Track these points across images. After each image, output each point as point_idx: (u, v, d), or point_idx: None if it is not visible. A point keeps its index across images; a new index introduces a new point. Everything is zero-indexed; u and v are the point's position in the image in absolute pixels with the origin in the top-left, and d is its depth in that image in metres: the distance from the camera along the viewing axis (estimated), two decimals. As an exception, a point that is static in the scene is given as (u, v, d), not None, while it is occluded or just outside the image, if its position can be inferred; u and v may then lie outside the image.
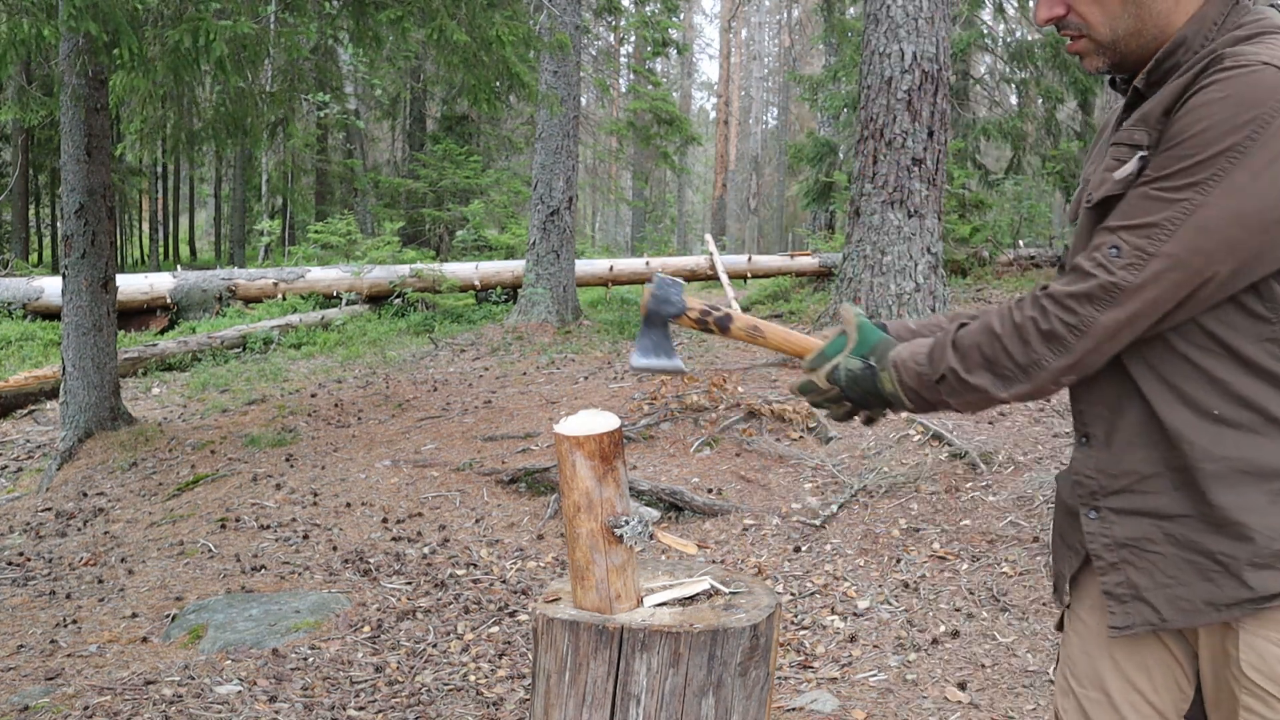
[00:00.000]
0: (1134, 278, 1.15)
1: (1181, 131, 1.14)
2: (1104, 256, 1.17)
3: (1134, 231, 1.16)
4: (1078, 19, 1.28)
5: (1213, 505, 1.21)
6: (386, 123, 23.66)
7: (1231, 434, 1.20)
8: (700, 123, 42.65)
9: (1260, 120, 1.09)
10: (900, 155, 7.17)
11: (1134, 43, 1.27)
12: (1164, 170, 1.15)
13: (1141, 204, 1.16)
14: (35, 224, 23.01)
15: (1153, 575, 1.27)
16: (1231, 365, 1.21)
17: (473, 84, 6.50)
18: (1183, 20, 1.24)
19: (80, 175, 6.14)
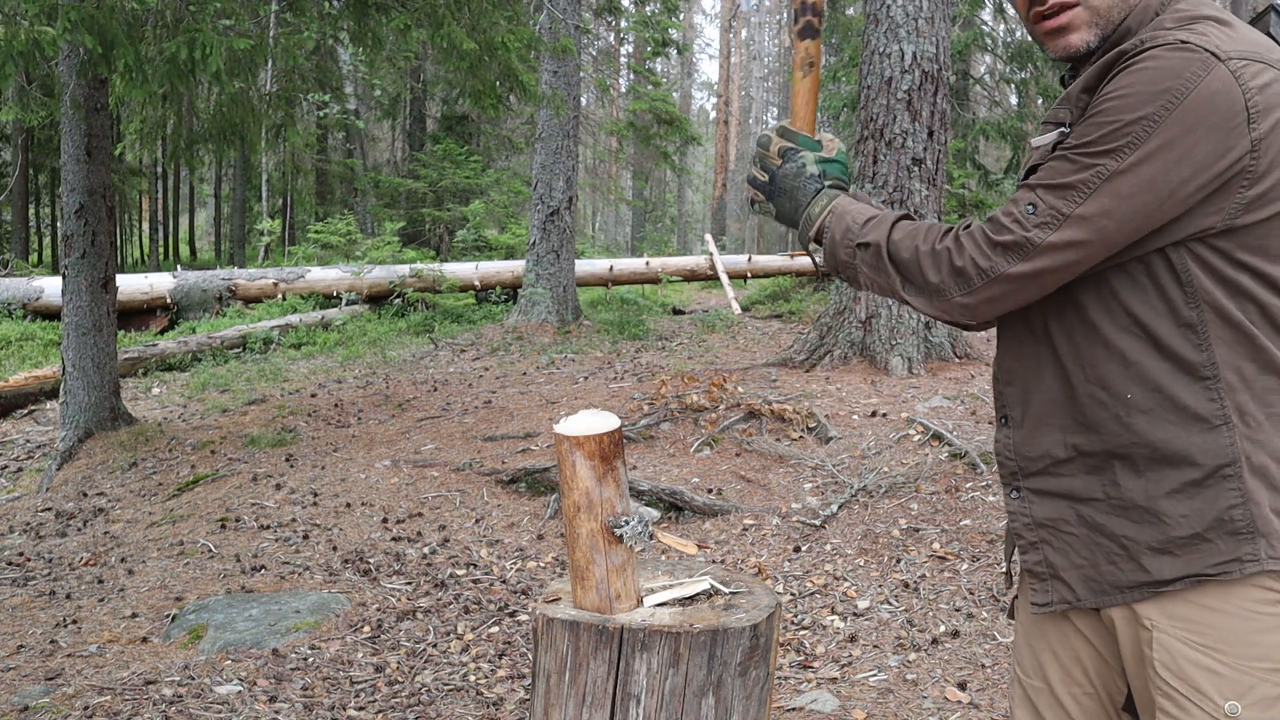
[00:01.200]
0: (1045, 235, 1.18)
1: (1102, 101, 1.17)
2: (1020, 212, 1.20)
3: (1051, 191, 1.18)
4: None
5: (1120, 490, 1.23)
6: (386, 123, 23.66)
7: (1143, 419, 1.22)
8: (700, 123, 42.64)
9: (1174, 91, 1.12)
10: (900, 155, 7.16)
11: (1115, 14, 1.27)
12: (1084, 138, 1.17)
13: (1060, 166, 1.19)
14: (35, 224, 23.01)
15: (1068, 555, 1.30)
16: (1148, 349, 1.22)
17: (476, 88, 6.50)
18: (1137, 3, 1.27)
19: (80, 175, 6.14)
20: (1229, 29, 1.18)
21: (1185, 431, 1.20)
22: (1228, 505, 1.18)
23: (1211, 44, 1.13)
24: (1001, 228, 1.22)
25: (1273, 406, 1.21)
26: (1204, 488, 1.19)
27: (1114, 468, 1.24)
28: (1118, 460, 1.24)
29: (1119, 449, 1.24)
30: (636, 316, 12.33)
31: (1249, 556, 1.18)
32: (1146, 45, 1.16)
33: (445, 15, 5.75)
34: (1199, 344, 1.19)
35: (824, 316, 7.73)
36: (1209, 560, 1.19)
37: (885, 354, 7.07)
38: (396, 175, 21.44)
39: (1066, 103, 1.26)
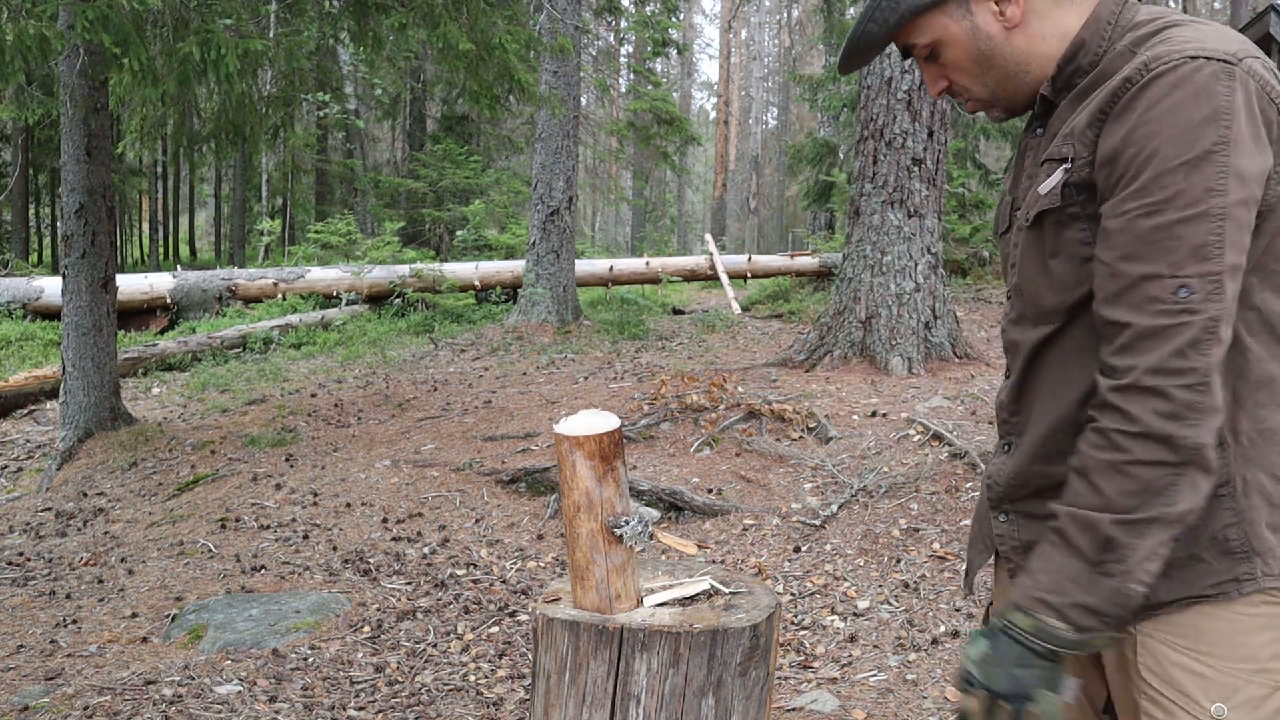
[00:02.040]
0: (1220, 301, 1.09)
1: (1146, 144, 1.11)
2: (1178, 301, 1.09)
3: (1189, 261, 1.09)
4: (958, 86, 1.34)
5: None
6: (386, 123, 23.67)
7: None
8: (700, 123, 42.65)
9: (1222, 110, 1.10)
10: (900, 155, 7.17)
11: (1010, 86, 1.31)
12: (1168, 189, 1.10)
13: (1171, 231, 1.10)
14: (35, 224, 23.01)
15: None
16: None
17: (474, 88, 6.50)
18: (1047, 47, 1.27)
19: (80, 175, 6.14)
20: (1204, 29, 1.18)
21: None
22: (1223, 525, 1.17)
23: (1217, 49, 1.12)
24: (1161, 329, 1.09)
25: (1265, 421, 1.19)
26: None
27: None
28: None
29: None
30: (636, 316, 12.33)
31: (1245, 576, 1.17)
32: (1156, 68, 1.12)
33: (442, 14, 5.74)
34: None
35: (824, 316, 7.73)
36: (1206, 581, 1.18)
37: (885, 354, 7.07)
38: (396, 175, 21.45)
39: (1070, 139, 1.21)
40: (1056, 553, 1.15)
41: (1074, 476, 1.15)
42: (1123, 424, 1.10)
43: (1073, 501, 1.14)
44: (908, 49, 1.34)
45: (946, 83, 1.34)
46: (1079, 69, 1.26)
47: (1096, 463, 1.12)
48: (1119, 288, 1.12)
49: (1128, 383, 1.10)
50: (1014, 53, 1.28)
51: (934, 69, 1.34)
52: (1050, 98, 1.30)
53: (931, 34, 1.29)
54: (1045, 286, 1.26)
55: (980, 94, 1.33)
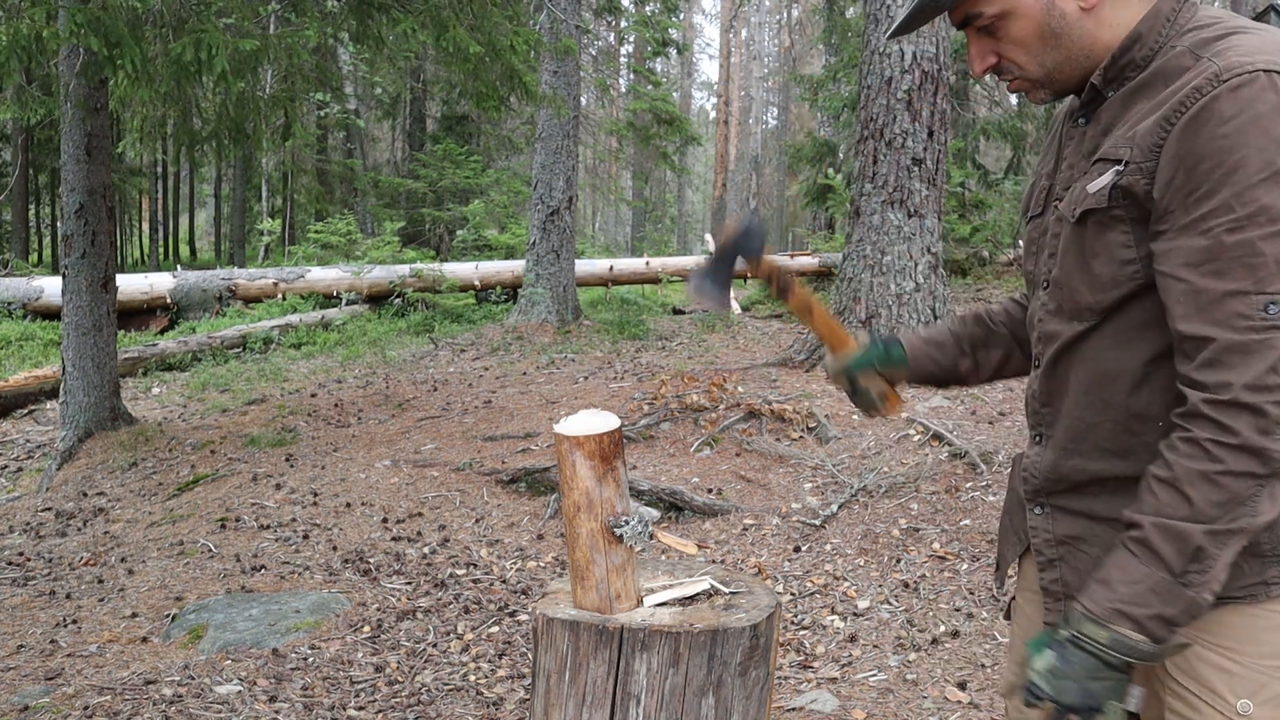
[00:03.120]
0: None
1: (1225, 158, 1.11)
2: (1266, 317, 1.09)
3: (1276, 278, 1.09)
4: (1009, 63, 1.31)
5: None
6: (386, 123, 23.66)
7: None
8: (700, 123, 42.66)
9: None
10: (900, 155, 7.16)
11: (1067, 69, 1.29)
12: (1251, 205, 1.10)
13: (1256, 247, 1.10)
14: (35, 224, 23.01)
15: (1081, 575, 1.30)
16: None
17: (480, 90, 6.50)
18: (1113, 34, 1.26)
19: (80, 175, 6.14)
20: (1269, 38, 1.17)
21: None
22: None
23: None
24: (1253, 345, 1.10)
25: None
26: None
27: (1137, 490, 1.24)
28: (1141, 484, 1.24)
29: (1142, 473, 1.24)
30: (636, 316, 12.33)
31: (1274, 579, 1.19)
32: (1227, 78, 1.11)
33: (449, 17, 5.74)
34: None
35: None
36: (1236, 582, 1.19)
37: (885, 354, 7.07)
38: (396, 175, 21.44)
39: (1131, 142, 1.20)
40: (1137, 563, 1.14)
41: (1158, 485, 1.14)
42: (1221, 435, 1.10)
43: (1158, 511, 1.13)
44: (969, 18, 1.30)
45: (996, 59, 1.32)
46: (1132, 62, 1.25)
47: (1188, 472, 1.12)
48: (1203, 303, 1.12)
49: (1227, 399, 1.10)
50: (1082, 35, 1.26)
51: (986, 43, 1.31)
52: (1100, 88, 1.29)
53: (1004, 3, 1.26)
54: (1084, 284, 1.27)
55: (1035, 73, 1.30)
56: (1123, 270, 1.22)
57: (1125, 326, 1.24)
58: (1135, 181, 1.18)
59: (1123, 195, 1.20)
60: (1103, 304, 1.25)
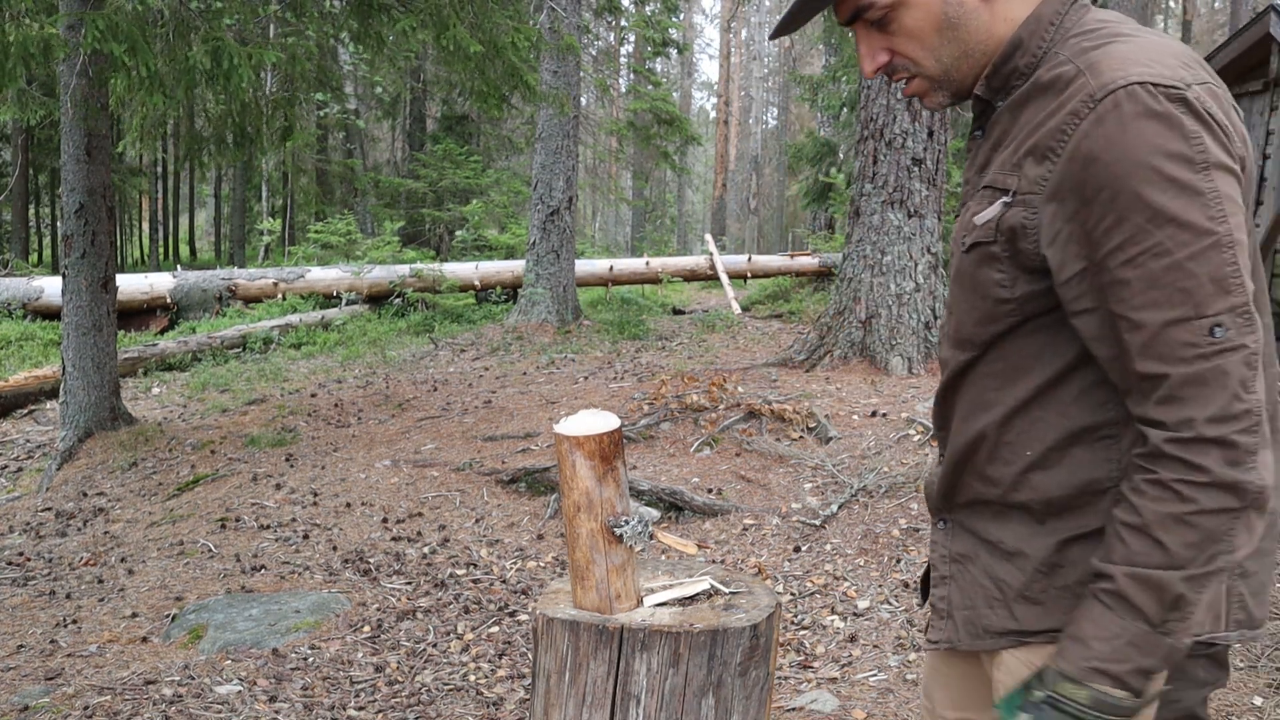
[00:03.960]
0: (1253, 331, 1.05)
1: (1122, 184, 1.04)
2: (1214, 341, 1.03)
3: (1214, 298, 1.03)
4: (903, 60, 1.23)
5: (1011, 538, 1.24)
6: (386, 123, 23.67)
7: (1039, 475, 1.20)
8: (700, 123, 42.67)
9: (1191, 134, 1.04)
10: (900, 155, 7.17)
11: (965, 65, 1.21)
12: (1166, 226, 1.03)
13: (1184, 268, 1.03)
14: (35, 224, 23.01)
15: (963, 594, 1.29)
16: (1051, 409, 1.19)
17: (482, 89, 6.51)
18: (1007, 29, 1.19)
19: (80, 175, 6.14)
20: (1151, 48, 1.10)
21: (1075, 491, 1.18)
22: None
23: (1165, 76, 1.05)
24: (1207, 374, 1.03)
25: None
26: (1079, 546, 1.18)
27: (1010, 516, 1.24)
28: (1013, 510, 1.23)
29: (1015, 501, 1.23)
30: (636, 316, 12.33)
31: None
32: (1104, 99, 1.05)
33: (450, 16, 5.75)
34: (1104, 402, 1.15)
35: (824, 316, 7.73)
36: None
37: (885, 354, 7.07)
38: (396, 175, 21.45)
39: (1016, 171, 1.14)
40: (1113, 616, 1.08)
41: (1127, 532, 1.08)
42: (1190, 474, 1.04)
43: (1130, 560, 1.07)
44: (859, 11, 1.21)
45: (889, 56, 1.23)
46: (1016, 70, 1.19)
47: (1158, 516, 1.05)
48: (1145, 340, 1.06)
49: (1190, 435, 1.04)
50: (979, 27, 1.19)
51: (877, 39, 1.22)
52: (988, 99, 1.23)
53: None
54: (968, 314, 1.24)
55: (932, 70, 1.22)
56: (998, 308, 1.19)
57: (1005, 359, 1.21)
58: (1020, 215, 1.13)
59: (1006, 232, 1.15)
60: (981, 337, 1.22)
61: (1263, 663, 3.00)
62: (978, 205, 1.21)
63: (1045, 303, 1.16)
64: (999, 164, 1.19)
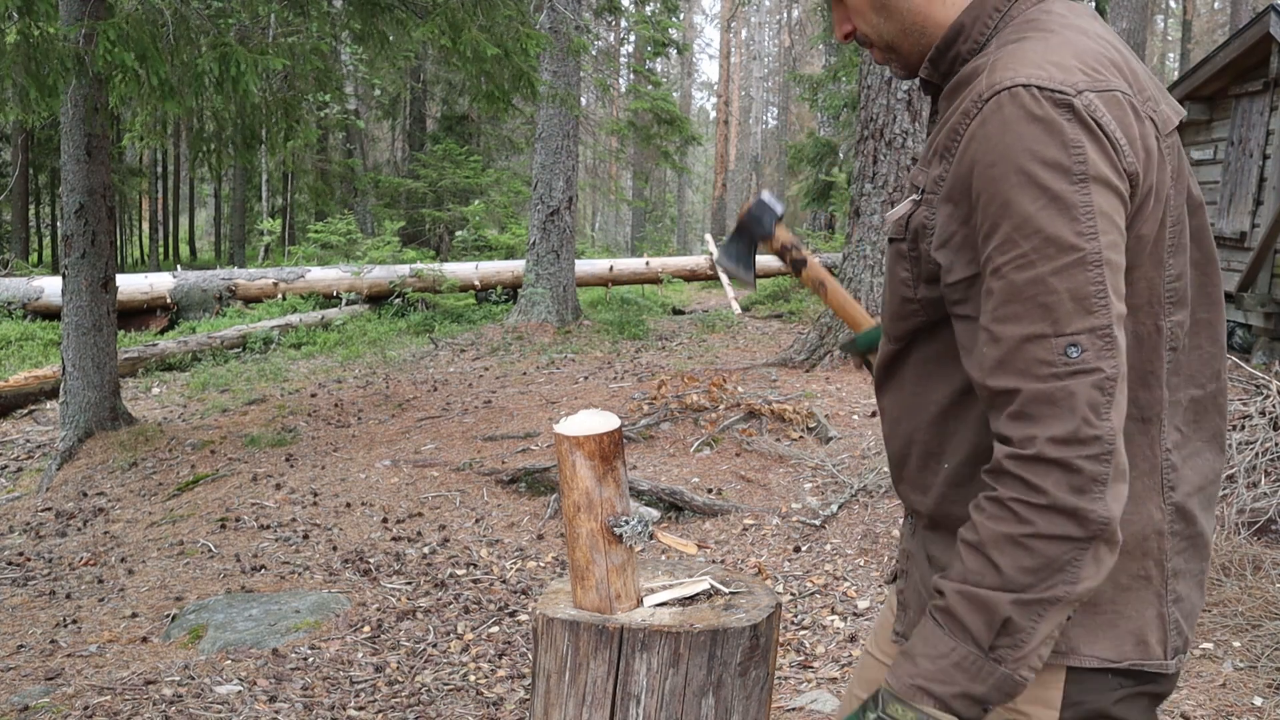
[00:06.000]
0: (1112, 355, 0.99)
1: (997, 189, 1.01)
2: (1069, 361, 0.98)
3: (1074, 316, 0.99)
4: (861, 33, 1.25)
5: (934, 548, 1.23)
6: (386, 123, 23.67)
7: (955, 490, 1.18)
8: (700, 123, 42.67)
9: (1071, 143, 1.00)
10: (900, 155, 7.17)
11: (906, 43, 1.21)
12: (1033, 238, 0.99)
13: (1047, 284, 0.99)
14: (35, 224, 23.01)
15: (914, 592, 1.29)
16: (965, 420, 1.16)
17: (491, 91, 6.51)
18: (947, 11, 1.17)
19: (80, 175, 6.14)
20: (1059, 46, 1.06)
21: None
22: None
23: (1055, 79, 1.01)
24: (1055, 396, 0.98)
25: None
26: None
27: (939, 528, 1.22)
28: (941, 523, 1.21)
29: (941, 515, 1.20)
30: (636, 316, 12.33)
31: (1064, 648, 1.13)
32: (988, 99, 1.03)
33: (464, 20, 5.75)
34: None
35: (824, 316, 7.73)
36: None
37: (885, 354, 7.08)
38: (396, 175, 21.44)
39: (925, 169, 1.14)
40: (943, 635, 1.03)
41: (965, 550, 1.03)
42: (1026, 495, 0.99)
43: (965, 578, 1.02)
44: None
45: (851, 26, 1.26)
46: (958, 56, 1.17)
47: (994, 536, 1.00)
48: (1001, 353, 1.01)
49: (1031, 454, 0.98)
50: (912, 8, 1.18)
51: (841, 10, 1.26)
52: (935, 82, 1.22)
53: None
54: (886, 307, 1.24)
55: (877, 42, 1.24)
56: (905, 306, 1.18)
57: (923, 359, 1.19)
58: (923, 215, 1.12)
59: (913, 231, 1.14)
60: (896, 332, 1.22)
61: (1263, 663, 3.00)
62: (900, 197, 1.21)
63: (943, 310, 1.13)
64: (921, 158, 1.17)
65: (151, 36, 4.97)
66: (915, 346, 1.20)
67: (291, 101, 6.70)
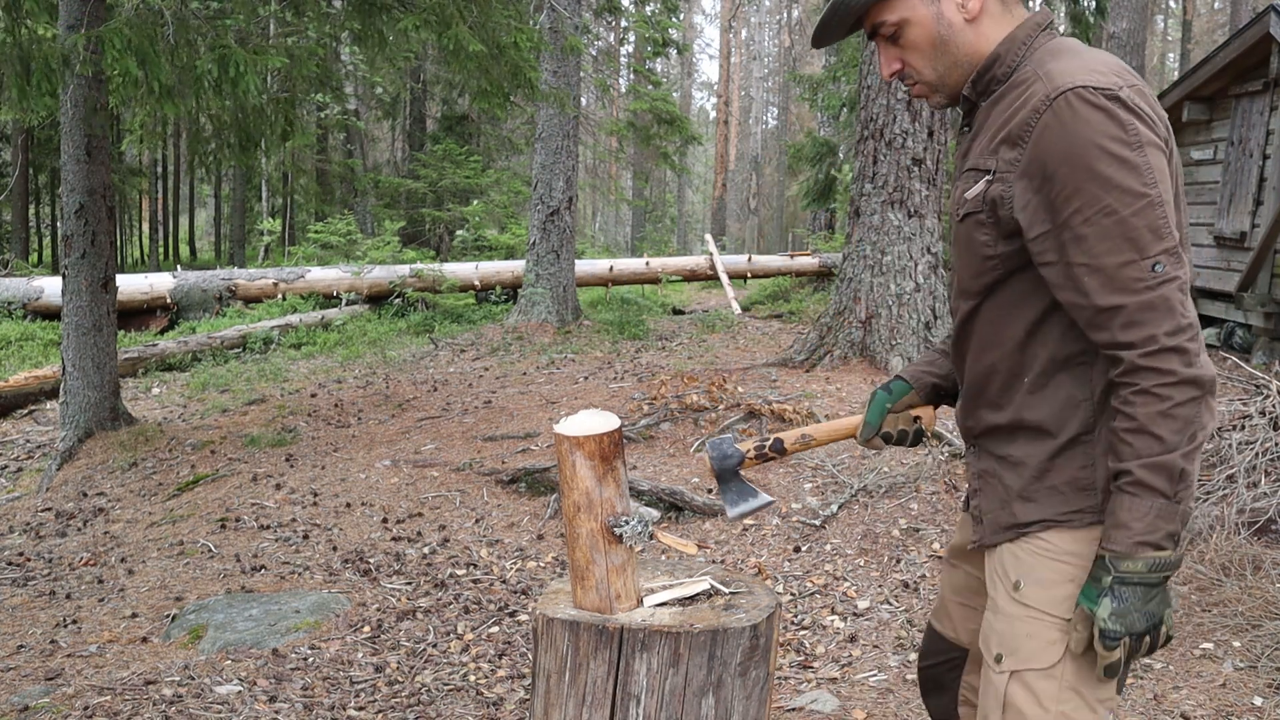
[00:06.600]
0: (1181, 266, 1.35)
1: (1077, 162, 1.34)
2: (1156, 275, 1.34)
3: (1153, 243, 1.34)
4: (910, 68, 1.55)
5: (1018, 450, 1.53)
6: (386, 123, 23.66)
7: (1033, 398, 1.50)
8: (700, 123, 42.64)
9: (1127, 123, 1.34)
10: (900, 155, 7.16)
11: (956, 74, 1.53)
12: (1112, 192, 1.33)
13: (1129, 223, 1.34)
14: (35, 224, 23.00)
15: (992, 503, 1.57)
16: (1040, 340, 1.48)
17: (485, 88, 6.50)
18: (989, 47, 1.51)
19: (80, 175, 6.14)
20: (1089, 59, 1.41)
21: (1060, 407, 1.48)
22: (1079, 466, 1.47)
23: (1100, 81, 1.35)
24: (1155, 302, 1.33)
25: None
26: (1065, 453, 1.48)
27: (1017, 435, 1.53)
28: (1019, 430, 1.52)
29: (1018, 421, 1.52)
30: (636, 316, 12.32)
31: (1089, 509, 1.46)
32: (1057, 99, 1.36)
33: (453, 16, 5.74)
34: (1079, 336, 1.44)
35: (824, 316, 7.73)
36: (1060, 509, 1.48)
37: (885, 354, 7.07)
38: (396, 175, 21.43)
39: (994, 154, 1.45)
40: (1139, 501, 1.35)
41: (1129, 434, 1.35)
42: (1162, 379, 1.33)
43: (1138, 455, 1.35)
44: (875, 27, 1.53)
45: (900, 64, 1.55)
46: (994, 78, 1.51)
47: (1149, 414, 1.34)
48: (1103, 280, 1.35)
49: (1155, 348, 1.33)
50: (965, 43, 1.51)
51: (892, 50, 1.55)
52: (972, 99, 1.54)
53: (901, 13, 1.50)
54: (965, 271, 1.55)
55: (930, 77, 1.54)
56: (986, 264, 1.49)
57: (999, 305, 1.51)
58: (998, 190, 1.44)
59: (988, 203, 1.45)
60: (976, 288, 1.53)
61: (1263, 663, 3.00)
62: (965, 184, 1.52)
63: (1021, 258, 1.46)
64: (978, 150, 1.50)
65: (151, 40, 4.97)
66: (989, 298, 1.52)
67: (287, 102, 6.70)
